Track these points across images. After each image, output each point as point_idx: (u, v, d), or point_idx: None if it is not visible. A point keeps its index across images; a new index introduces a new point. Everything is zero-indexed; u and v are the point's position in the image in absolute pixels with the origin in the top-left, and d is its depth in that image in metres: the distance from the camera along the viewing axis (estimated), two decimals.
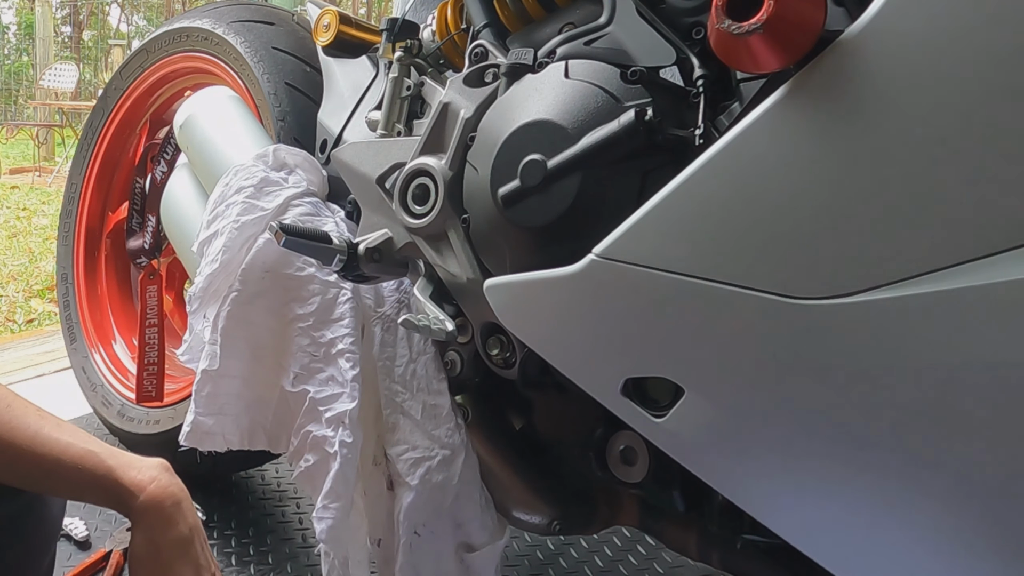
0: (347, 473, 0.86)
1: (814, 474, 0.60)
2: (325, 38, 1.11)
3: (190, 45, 1.47)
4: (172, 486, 0.73)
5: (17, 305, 3.24)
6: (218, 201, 1.01)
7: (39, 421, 0.72)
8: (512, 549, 1.30)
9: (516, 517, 0.94)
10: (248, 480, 1.51)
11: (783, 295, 0.56)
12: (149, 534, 0.71)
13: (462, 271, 0.82)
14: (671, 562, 1.29)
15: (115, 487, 0.71)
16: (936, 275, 0.51)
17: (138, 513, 0.71)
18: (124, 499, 0.71)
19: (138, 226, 1.57)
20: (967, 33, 0.49)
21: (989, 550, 0.54)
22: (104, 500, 0.72)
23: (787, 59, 0.55)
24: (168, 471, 0.74)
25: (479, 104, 0.83)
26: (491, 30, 0.89)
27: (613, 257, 0.65)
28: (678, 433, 0.65)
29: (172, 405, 1.44)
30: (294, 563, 1.24)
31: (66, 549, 1.24)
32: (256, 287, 0.95)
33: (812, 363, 0.56)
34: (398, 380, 0.92)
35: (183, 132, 1.23)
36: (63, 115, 8.58)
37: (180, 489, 0.74)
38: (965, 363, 0.51)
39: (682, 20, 0.74)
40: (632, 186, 0.69)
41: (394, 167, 0.90)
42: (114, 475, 0.71)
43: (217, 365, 0.94)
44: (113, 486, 0.71)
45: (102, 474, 0.71)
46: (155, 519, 0.71)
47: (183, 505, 0.73)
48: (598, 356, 0.69)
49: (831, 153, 0.54)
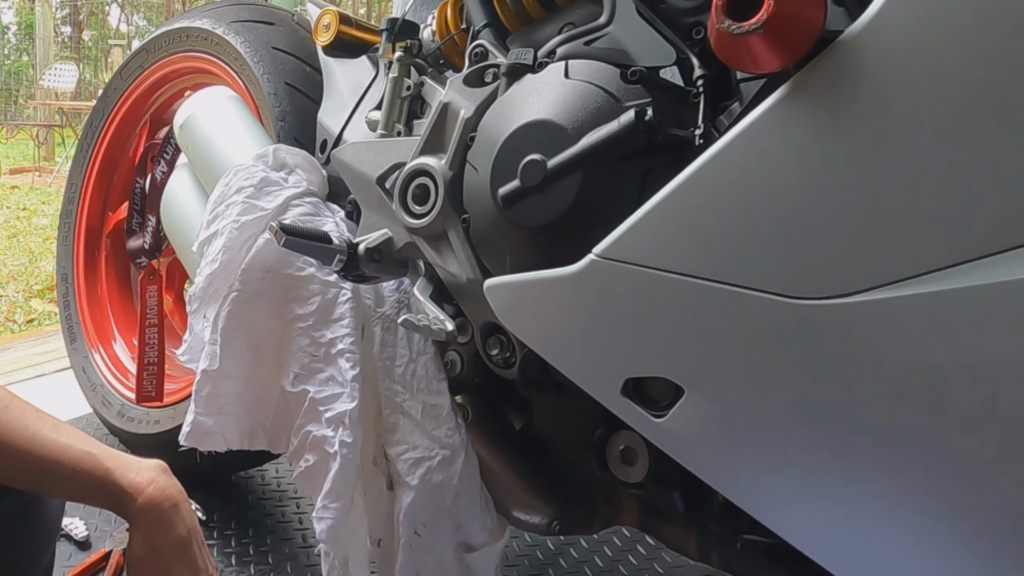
0: (347, 473, 0.86)
1: (814, 474, 0.59)
2: (325, 38, 1.11)
3: (190, 45, 1.47)
4: (170, 488, 0.73)
5: (17, 305, 3.24)
6: (218, 201, 1.01)
7: (37, 422, 0.72)
8: (512, 549, 1.30)
9: (516, 517, 0.94)
10: (248, 480, 1.51)
11: (783, 295, 0.56)
12: (147, 536, 0.71)
13: (462, 271, 0.82)
14: (671, 562, 1.29)
15: (113, 489, 0.71)
16: (936, 275, 0.51)
17: (136, 515, 0.71)
18: (122, 501, 0.71)
19: (138, 226, 1.57)
20: (967, 33, 0.49)
21: (989, 550, 0.54)
22: (102, 502, 0.72)
23: (787, 59, 0.55)
24: (166, 473, 0.74)
25: (479, 104, 0.83)
26: (491, 30, 0.89)
27: (613, 257, 0.65)
28: (678, 433, 0.65)
29: (172, 405, 1.44)
30: (294, 563, 1.24)
31: (66, 549, 1.24)
32: (256, 287, 0.95)
33: (812, 363, 0.56)
34: (398, 380, 0.92)
35: (183, 132, 1.23)
36: (63, 115, 8.58)
37: (178, 491, 0.74)
38: (965, 363, 0.51)
39: (682, 20, 0.74)
40: (632, 186, 0.69)
41: (394, 167, 0.90)
42: (112, 477, 0.71)
43: (217, 365, 0.94)
44: (111, 488, 0.71)
45: (100, 476, 0.71)
46: (153, 521, 0.71)
47: (181, 507, 0.73)
48: (598, 356, 0.69)
49: (831, 153, 0.54)
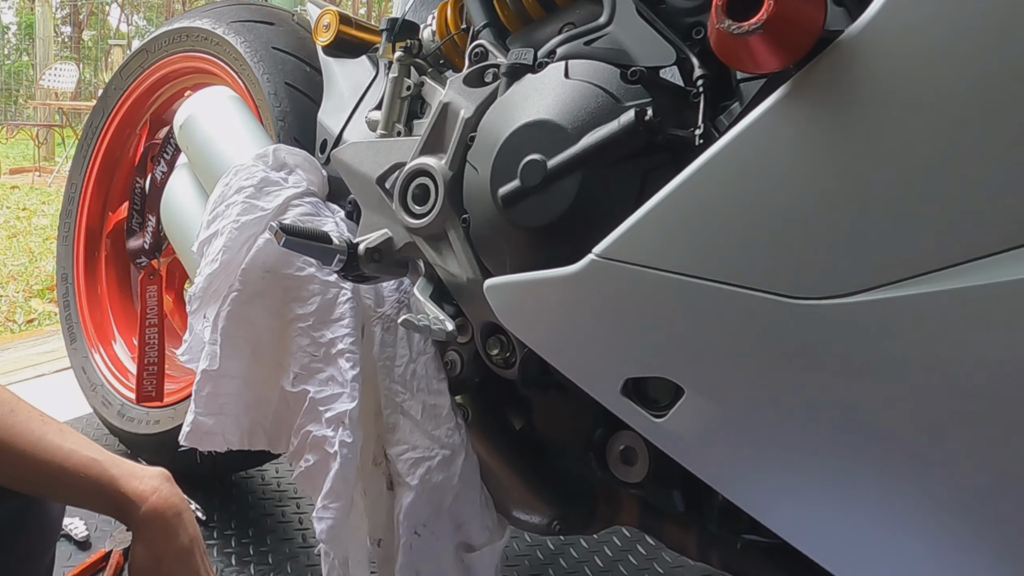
0: (347, 473, 0.86)
1: (814, 474, 0.59)
2: (325, 38, 1.11)
3: (190, 45, 1.47)
4: (173, 497, 0.73)
5: (17, 305, 3.24)
6: (218, 201, 1.01)
7: (42, 427, 0.72)
8: (512, 549, 1.30)
9: (516, 517, 0.94)
10: (248, 480, 1.51)
11: (783, 295, 0.56)
12: (150, 545, 0.71)
13: (462, 271, 0.82)
14: (671, 562, 1.29)
15: (117, 496, 0.71)
16: (936, 275, 0.51)
17: (140, 523, 0.71)
18: (126, 509, 0.71)
19: (138, 226, 1.57)
20: (967, 32, 0.49)
21: (988, 550, 0.54)
22: (105, 508, 0.72)
23: (787, 59, 0.55)
24: (169, 481, 0.74)
25: (479, 104, 0.83)
26: (491, 30, 0.89)
27: (613, 257, 0.65)
28: (678, 433, 0.65)
29: (172, 405, 1.44)
30: (294, 563, 1.24)
31: (66, 549, 1.24)
32: (256, 287, 0.95)
33: (812, 363, 0.56)
34: (398, 380, 0.92)
35: (183, 132, 1.23)
36: (63, 115, 8.58)
37: (181, 500, 0.74)
38: (965, 363, 0.51)
39: (682, 20, 0.74)
40: (632, 186, 0.69)
41: (394, 167, 0.90)
42: (116, 484, 0.71)
43: (217, 365, 0.94)
44: (115, 495, 0.71)
45: (105, 483, 0.71)
46: (157, 530, 0.71)
47: (184, 516, 0.73)
48: (598, 356, 0.69)
49: (831, 153, 0.54)
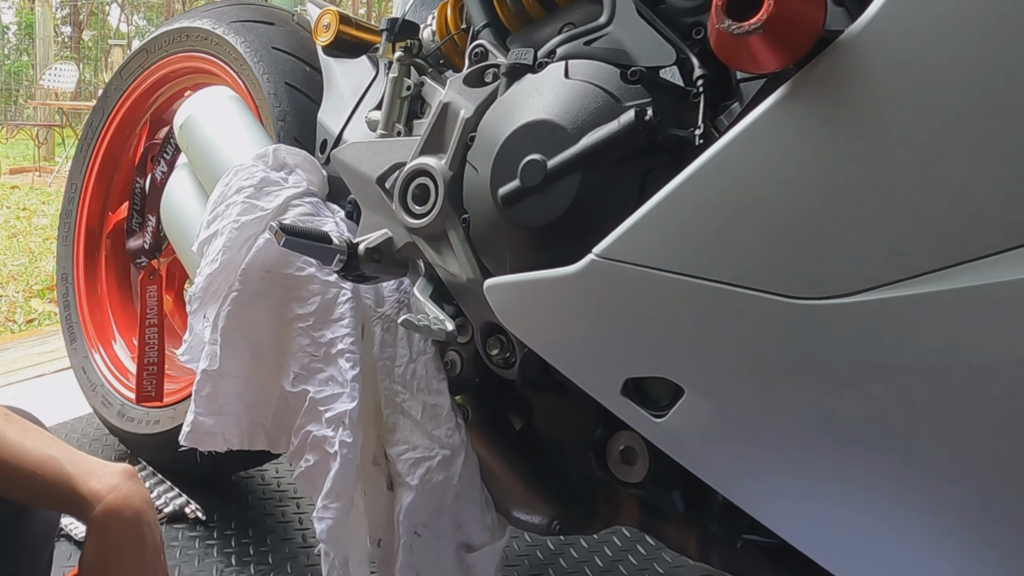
0: (347, 473, 0.86)
1: (814, 474, 0.59)
2: (325, 38, 1.11)
3: (190, 45, 1.47)
4: (133, 496, 0.68)
5: (17, 305, 3.24)
6: (218, 201, 1.01)
7: (4, 423, 0.70)
8: (512, 549, 1.30)
9: (516, 517, 0.94)
10: (248, 480, 1.51)
11: (783, 295, 0.56)
12: (100, 546, 0.67)
13: (462, 271, 0.82)
14: (671, 562, 1.29)
15: (72, 494, 0.68)
16: (936, 275, 0.51)
17: (92, 523, 0.67)
18: (82, 507, 0.68)
19: (138, 226, 1.57)
20: (967, 33, 0.49)
21: (988, 550, 0.54)
22: (63, 507, 0.70)
23: (787, 59, 0.55)
24: (131, 480, 0.70)
25: (479, 104, 0.83)
26: (491, 30, 0.89)
27: (613, 257, 0.65)
28: (678, 433, 0.65)
29: (172, 405, 1.44)
30: (294, 563, 1.24)
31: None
32: (256, 287, 0.95)
33: (812, 363, 0.56)
34: (398, 380, 0.92)
35: (183, 132, 1.23)
36: (63, 115, 8.58)
37: (142, 500, 0.69)
38: (965, 363, 0.51)
39: (682, 20, 0.74)
40: (632, 186, 0.69)
41: (394, 167, 0.90)
42: (71, 482, 0.68)
43: (217, 365, 0.94)
44: (70, 493, 0.68)
45: (60, 481, 0.68)
46: (109, 530, 0.67)
47: (144, 517, 0.69)
48: (598, 356, 0.69)
49: (831, 153, 0.54)
